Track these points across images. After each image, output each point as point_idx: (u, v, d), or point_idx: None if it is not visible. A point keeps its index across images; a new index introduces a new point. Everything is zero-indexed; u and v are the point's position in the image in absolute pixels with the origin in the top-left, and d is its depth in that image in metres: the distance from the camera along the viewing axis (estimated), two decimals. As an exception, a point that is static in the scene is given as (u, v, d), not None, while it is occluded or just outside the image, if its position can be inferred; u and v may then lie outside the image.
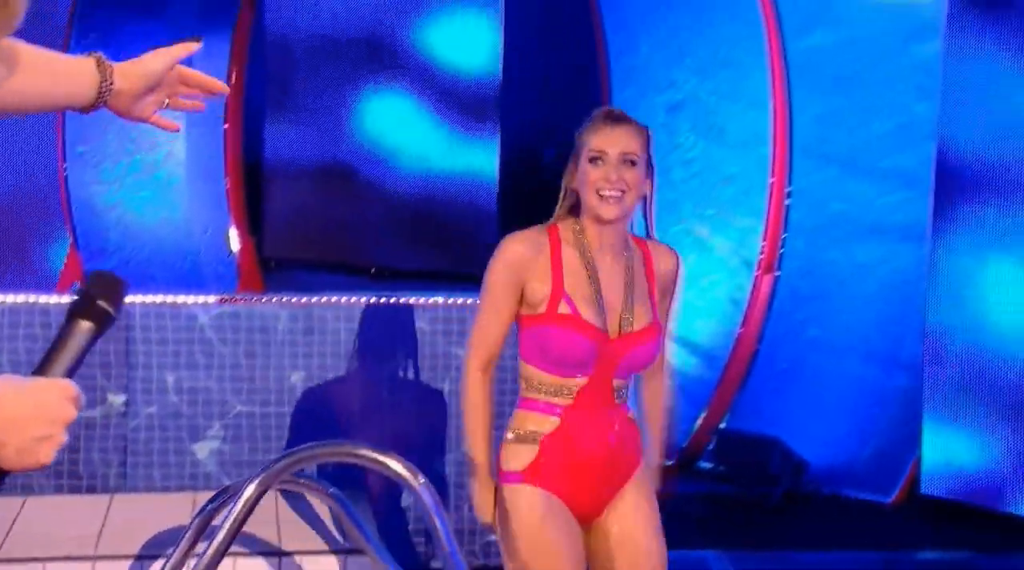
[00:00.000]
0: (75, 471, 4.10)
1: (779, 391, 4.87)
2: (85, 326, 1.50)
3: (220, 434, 4.13)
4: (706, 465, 4.94)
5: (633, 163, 2.66)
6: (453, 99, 5.35)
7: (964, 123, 4.40)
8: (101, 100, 1.80)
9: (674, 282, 2.87)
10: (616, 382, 2.76)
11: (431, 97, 5.42)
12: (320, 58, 5.28)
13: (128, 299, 4.70)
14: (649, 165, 2.75)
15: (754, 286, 4.80)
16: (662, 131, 4.98)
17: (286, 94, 5.30)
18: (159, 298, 4.10)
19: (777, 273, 4.79)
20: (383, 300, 4.20)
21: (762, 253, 4.79)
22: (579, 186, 2.73)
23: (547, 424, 2.73)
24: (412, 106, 5.48)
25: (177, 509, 3.88)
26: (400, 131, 5.48)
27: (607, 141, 2.67)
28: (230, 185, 5.37)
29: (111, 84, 1.78)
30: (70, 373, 1.50)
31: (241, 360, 4.10)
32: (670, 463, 4.76)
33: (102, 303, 1.50)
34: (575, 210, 2.78)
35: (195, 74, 1.82)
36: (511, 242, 2.74)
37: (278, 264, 5.67)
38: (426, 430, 4.26)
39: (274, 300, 4.20)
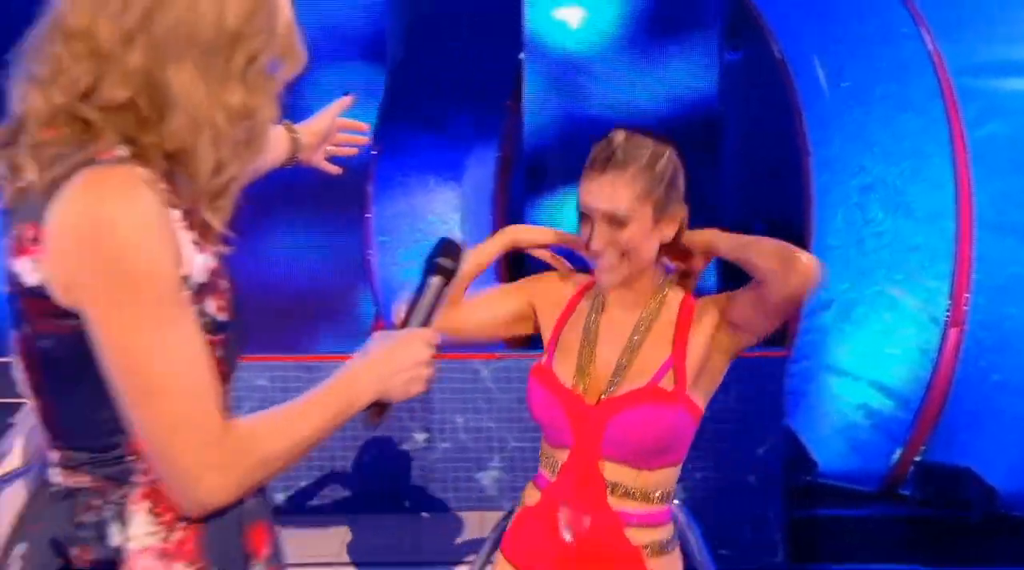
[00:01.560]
0: (395, 494, 4.50)
1: (969, 428, 5.05)
2: (436, 281, 1.61)
3: (499, 465, 4.44)
4: (907, 492, 5.17)
5: (622, 223, 1.97)
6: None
7: None
8: (295, 158, 2.09)
9: (710, 302, 2.07)
10: (609, 468, 2.02)
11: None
12: (568, 156, 5.77)
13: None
14: (666, 199, 1.99)
15: (943, 339, 5.02)
16: (856, 209, 5.39)
17: (543, 181, 5.72)
18: (451, 356, 4.37)
19: (962, 328, 5.02)
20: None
21: (948, 310, 5.03)
22: None
23: (533, 496, 2.14)
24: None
25: (468, 525, 4.31)
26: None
27: (589, 194, 2.00)
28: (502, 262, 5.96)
29: (301, 144, 2.08)
30: (427, 322, 1.61)
31: (514, 404, 4.41)
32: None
33: (444, 261, 1.62)
34: None
35: (347, 121, 2.19)
36: (552, 272, 2.22)
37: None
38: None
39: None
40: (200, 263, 1.42)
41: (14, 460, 4.21)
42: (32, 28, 1.39)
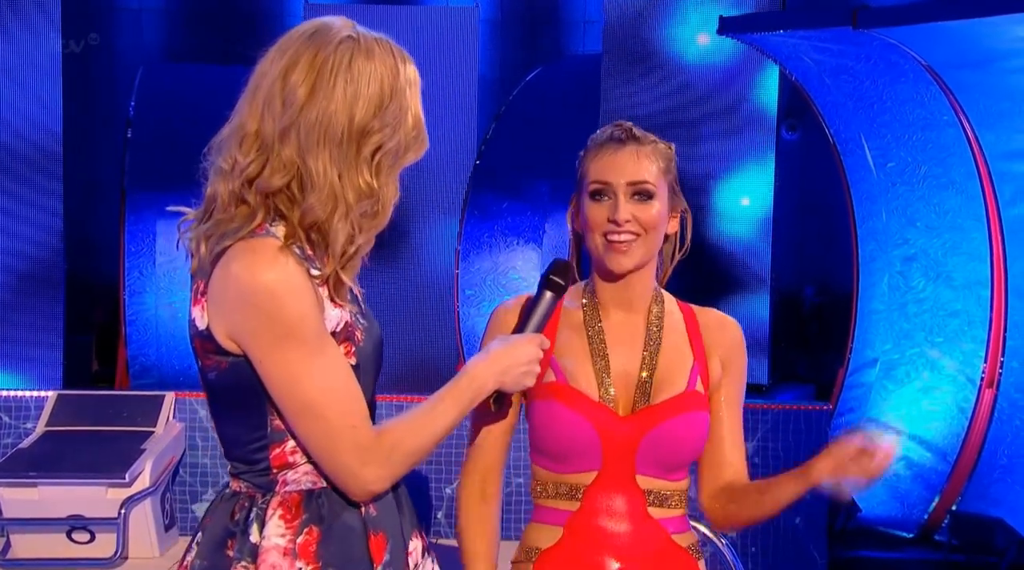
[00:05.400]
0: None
1: (1001, 481, 5.06)
2: (548, 295, 1.78)
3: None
4: (942, 538, 5.20)
5: (648, 195, 1.78)
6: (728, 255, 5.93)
7: None
8: None
9: (738, 357, 1.89)
10: (647, 482, 1.83)
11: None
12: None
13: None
14: (675, 186, 1.84)
15: (978, 398, 5.07)
16: (899, 277, 5.43)
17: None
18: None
19: (996, 389, 5.04)
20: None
21: (983, 372, 5.08)
22: (582, 228, 1.84)
23: (549, 537, 1.85)
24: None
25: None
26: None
27: (610, 168, 1.78)
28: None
29: None
30: (539, 328, 1.77)
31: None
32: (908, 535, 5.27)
33: (556, 278, 1.78)
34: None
35: None
36: (499, 308, 1.91)
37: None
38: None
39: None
40: (335, 315, 1.64)
41: (144, 481, 4.54)
42: (219, 130, 1.65)
